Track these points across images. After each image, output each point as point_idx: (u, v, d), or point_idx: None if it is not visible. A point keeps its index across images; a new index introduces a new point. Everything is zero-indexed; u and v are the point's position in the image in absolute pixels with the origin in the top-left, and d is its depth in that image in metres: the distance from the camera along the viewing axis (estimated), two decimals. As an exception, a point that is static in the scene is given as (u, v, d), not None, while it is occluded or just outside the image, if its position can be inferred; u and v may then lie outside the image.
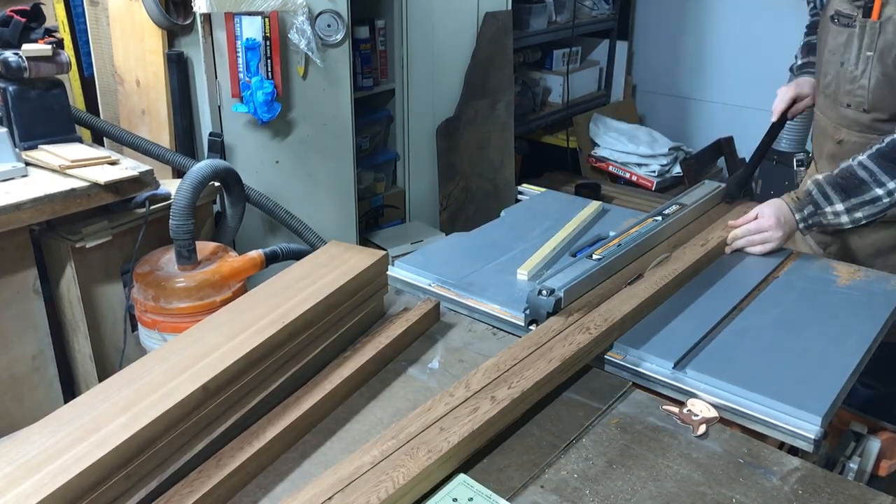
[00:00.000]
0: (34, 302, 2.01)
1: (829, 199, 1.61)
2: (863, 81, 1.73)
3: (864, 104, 1.75)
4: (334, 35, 2.61)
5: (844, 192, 1.60)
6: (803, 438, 1.15)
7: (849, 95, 1.78)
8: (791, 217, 1.65)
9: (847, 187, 1.60)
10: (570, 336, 1.31)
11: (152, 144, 2.45)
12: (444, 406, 1.13)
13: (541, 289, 1.40)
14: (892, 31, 1.65)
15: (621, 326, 1.38)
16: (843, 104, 1.80)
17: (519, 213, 1.98)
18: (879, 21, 1.66)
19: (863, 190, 1.58)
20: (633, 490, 1.06)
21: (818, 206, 1.62)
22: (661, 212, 1.76)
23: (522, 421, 1.19)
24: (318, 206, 2.78)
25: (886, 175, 1.56)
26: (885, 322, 1.44)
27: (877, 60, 1.68)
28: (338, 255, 1.43)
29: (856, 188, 1.59)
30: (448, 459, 1.05)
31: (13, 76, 2.01)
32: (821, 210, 1.62)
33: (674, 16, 4.39)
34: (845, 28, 1.75)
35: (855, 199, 1.59)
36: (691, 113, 4.47)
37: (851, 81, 1.76)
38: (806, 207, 1.64)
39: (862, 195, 1.58)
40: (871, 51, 1.69)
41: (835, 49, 1.79)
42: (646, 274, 1.55)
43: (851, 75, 1.75)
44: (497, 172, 3.61)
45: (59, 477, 0.89)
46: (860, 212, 1.60)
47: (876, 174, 1.57)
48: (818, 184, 1.63)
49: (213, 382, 1.08)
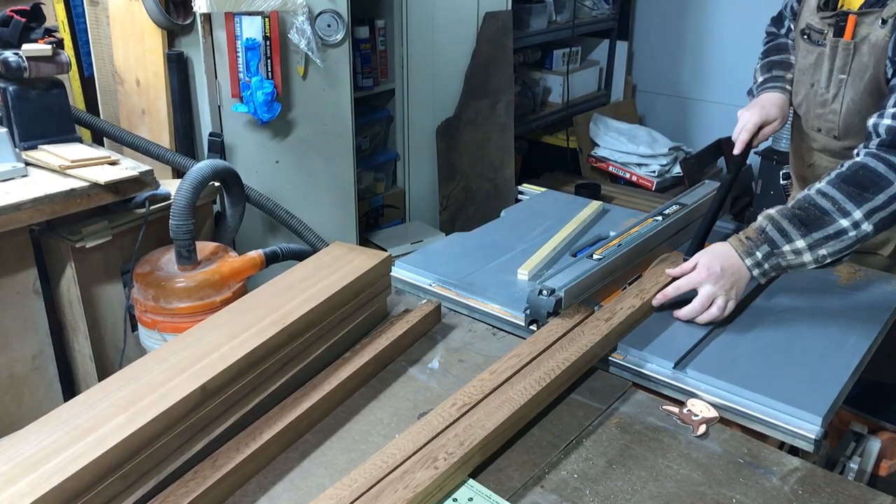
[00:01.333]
0: (34, 302, 2.01)
1: (786, 235, 1.34)
2: (834, 106, 1.58)
3: (834, 130, 1.61)
4: (334, 35, 2.61)
5: (804, 226, 1.34)
6: (803, 438, 1.15)
7: (819, 119, 1.64)
8: (738, 263, 1.36)
9: (806, 220, 1.34)
10: (575, 339, 1.31)
11: (152, 144, 2.45)
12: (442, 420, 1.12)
13: (541, 289, 1.40)
14: (867, 54, 1.49)
15: (624, 330, 1.38)
16: (813, 128, 1.67)
17: (519, 213, 1.98)
18: (853, 42, 1.51)
19: (825, 222, 1.33)
20: (633, 490, 1.05)
21: (774, 244, 1.35)
22: (662, 212, 1.76)
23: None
24: (318, 206, 2.78)
25: (851, 202, 1.32)
26: (885, 322, 1.43)
27: (849, 85, 1.53)
28: (341, 255, 1.43)
29: (817, 220, 1.33)
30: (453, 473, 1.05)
31: (13, 76, 2.01)
32: (777, 250, 1.35)
33: (674, 16, 4.39)
34: (815, 46, 1.60)
35: (817, 232, 1.33)
36: (691, 113, 4.47)
37: (822, 105, 1.61)
38: (759, 249, 1.35)
39: (825, 228, 1.33)
40: (843, 73, 1.54)
41: (804, 69, 1.65)
42: (645, 274, 1.55)
43: (822, 98, 1.61)
44: (497, 172, 3.61)
45: (55, 476, 0.89)
46: (824, 248, 1.34)
47: (839, 202, 1.32)
48: (771, 218, 1.37)
49: (212, 383, 1.08)
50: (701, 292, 1.38)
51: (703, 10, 4.27)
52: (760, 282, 1.41)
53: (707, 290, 1.37)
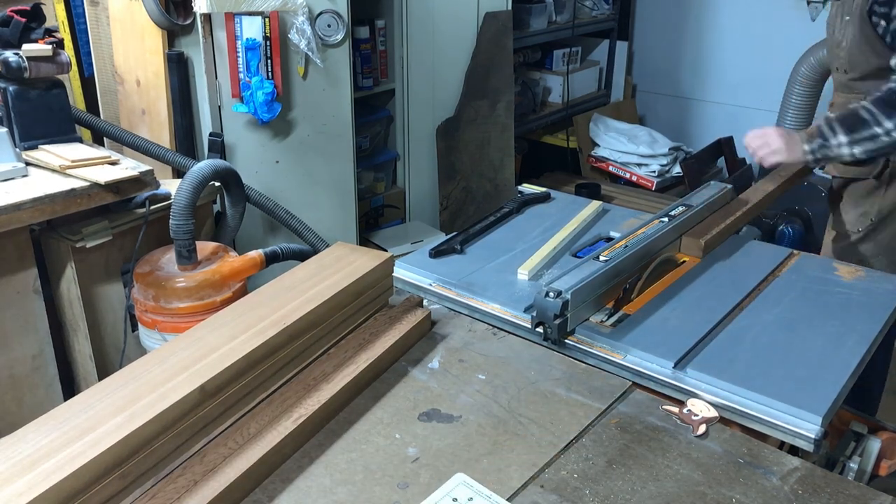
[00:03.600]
0: (34, 302, 2.01)
1: (835, 132, 1.80)
2: (843, 44, 1.97)
3: (844, 65, 2.00)
4: (334, 35, 2.61)
5: (849, 129, 1.79)
6: (803, 438, 1.15)
7: (836, 59, 2.04)
8: (798, 142, 1.86)
9: (852, 125, 1.79)
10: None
11: (152, 144, 2.45)
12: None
13: (548, 291, 1.39)
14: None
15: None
16: (833, 68, 2.08)
17: (519, 213, 1.98)
18: None
19: (865, 128, 1.77)
20: (633, 490, 1.05)
21: (825, 138, 1.81)
22: (668, 213, 1.76)
23: (522, 420, 1.19)
24: (318, 206, 2.78)
25: (885, 116, 1.75)
26: (885, 322, 1.43)
27: (849, 25, 1.92)
28: (343, 256, 1.42)
29: (859, 126, 1.78)
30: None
31: (13, 76, 2.01)
32: (827, 143, 1.81)
33: (674, 16, 4.39)
34: (835, 1, 2.02)
35: (857, 134, 1.78)
36: (691, 113, 4.47)
37: (837, 46, 2.01)
38: (815, 140, 1.83)
39: (863, 132, 1.78)
40: (848, 15, 1.92)
41: (830, 21, 2.06)
42: (644, 274, 1.55)
43: (836, 40, 2.01)
44: (497, 172, 3.61)
45: (53, 476, 0.89)
46: (860, 146, 1.79)
47: (876, 115, 1.76)
48: (828, 119, 1.84)
49: (211, 383, 1.08)
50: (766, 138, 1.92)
51: (703, 10, 4.27)
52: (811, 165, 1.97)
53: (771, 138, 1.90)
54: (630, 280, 1.54)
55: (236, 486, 1.03)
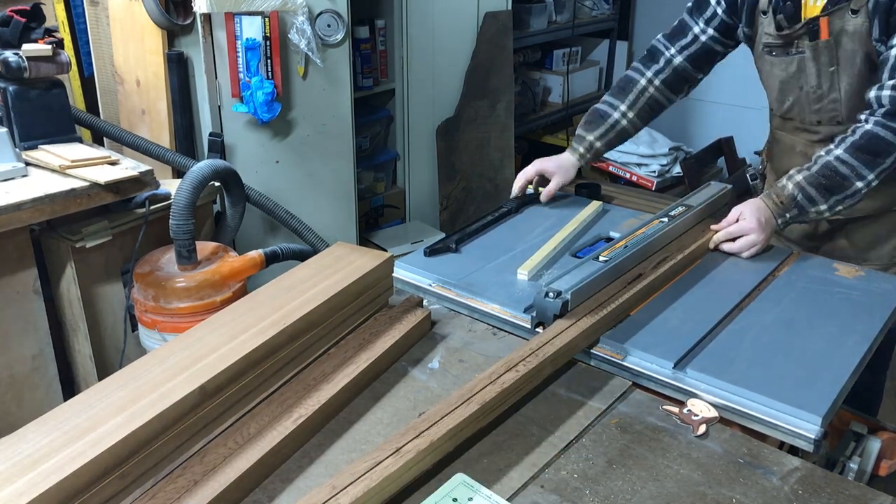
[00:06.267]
0: (34, 302, 2.01)
1: (813, 201, 1.61)
2: (833, 95, 1.71)
3: (838, 116, 1.73)
4: (334, 35, 2.61)
5: (828, 192, 1.60)
6: (803, 438, 1.15)
7: (818, 113, 1.76)
8: (772, 219, 1.65)
9: (830, 186, 1.59)
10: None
11: (152, 144, 2.45)
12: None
13: (548, 291, 1.39)
14: (850, 41, 1.63)
15: (609, 322, 1.39)
16: (811, 123, 1.79)
17: (519, 212, 1.98)
18: (831, 38, 1.64)
19: (845, 186, 1.58)
20: (633, 490, 1.05)
21: (803, 209, 1.62)
22: (668, 213, 1.76)
23: (522, 420, 1.19)
24: (318, 206, 2.78)
25: (866, 168, 1.57)
26: (885, 322, 1.43)
27: (842, 73, 1.67)
28: (343, 256, 1.42)
29: (839, 186, 1.59)
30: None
31: (13, 76, 2.01)
32: (805, 212, 1.63)
33: (674, 16, 4.35)
34: (791, 56, 1.72)
35: (838, 195, 1.60)
36: (691, 113, 4.47)
37: (818, 100, 1.74)
38: (789, 211, 1.63)
39: (845, 191, 1.59)
40: (833, 66, 1.67)
41: (787, 78, 1.76)
42: (645, 273, 1.55)
43: (816, 94, 1.73)
44: (497, 172, 3.61)
45: (53, 476, 0.89)
46: (841, 206, 1.62)
47: (856, 168, 1.57)
48: (801, 188, 1.61)
49: (212, 383, 1.08)
50: (747, 238, 1.66)
51: (703, 10, 4.26)
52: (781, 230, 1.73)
53: (752, 238, 1.66)
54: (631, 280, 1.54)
55: (236, 486, 1.03)
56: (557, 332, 1.32)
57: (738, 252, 1.67)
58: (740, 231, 1.66)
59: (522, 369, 1.21)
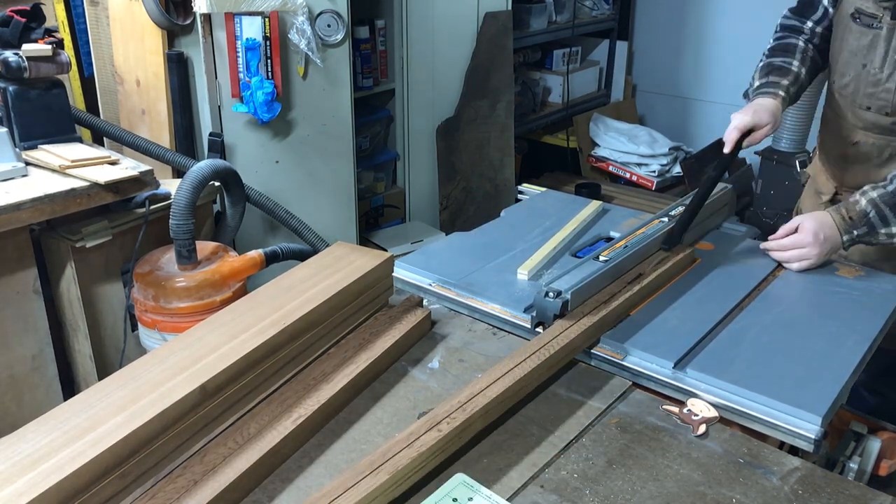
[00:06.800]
0: (34, 302, 2.01)
1: (886, 221, 1.52)
2: (888, 84, 1.66)
3: (887, 107, 1.68)
4: (334, 35, 2.61)
5: None
6: (803, 438, 1.15)
7: (870, 98, 1.71)
8: (836, 235, 1.56)
9: None
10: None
11: (152, 144, 2.45)
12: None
13: (548, 290, 1.39)
14: None
15: (609, 322, 1.39)
16: (862, 106, 1.74)
17: (519, 212, 1.98)
18: None
19: None
20: (633, 490, 1.05)
21: (873, 227, 1.53)
22: (668, 213, 1.76)
23: (522, 420, 1.19)
24: (318, 206, 2.78)
25: None
26: (885, 322, 1.43)
27: None
28: (343, 256, 1.42)
29: None
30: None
31: (13, 76, 2.01)
32: (875, 232, 1.53)
33: (674, 16, 4.39)
34: (869, 29, 1.66)
35: None
36: (691, 113, 4.47)
37: (875, 84, 1.69)
38: (858, 228, 1.54)
39: None
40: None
41: (857, 50, 1.70)
42: (645, 273, 1.55)
43: (875, 78, 1.68)
44: (497, 172, 3.61)
45: (53, 475, 0.89)
46: None
47: None
48: (875, 204, 1.53)
49: (212, 383, 1.08)
50: (799, 251, 1.58)
51: (703, 10, 4.27)
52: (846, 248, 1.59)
53: (807, 251, 1.56)
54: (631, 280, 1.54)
55: (236, 486, 1.03)
56: (557, 332, 1.32)
57: (787, 263, 1.61)
58: (793, 244, 1.59)
59: (510, 380, 1.20)
